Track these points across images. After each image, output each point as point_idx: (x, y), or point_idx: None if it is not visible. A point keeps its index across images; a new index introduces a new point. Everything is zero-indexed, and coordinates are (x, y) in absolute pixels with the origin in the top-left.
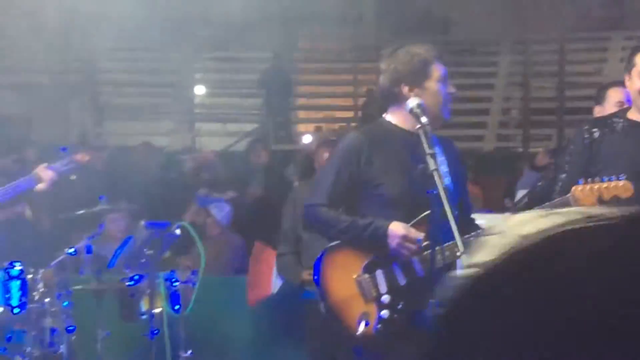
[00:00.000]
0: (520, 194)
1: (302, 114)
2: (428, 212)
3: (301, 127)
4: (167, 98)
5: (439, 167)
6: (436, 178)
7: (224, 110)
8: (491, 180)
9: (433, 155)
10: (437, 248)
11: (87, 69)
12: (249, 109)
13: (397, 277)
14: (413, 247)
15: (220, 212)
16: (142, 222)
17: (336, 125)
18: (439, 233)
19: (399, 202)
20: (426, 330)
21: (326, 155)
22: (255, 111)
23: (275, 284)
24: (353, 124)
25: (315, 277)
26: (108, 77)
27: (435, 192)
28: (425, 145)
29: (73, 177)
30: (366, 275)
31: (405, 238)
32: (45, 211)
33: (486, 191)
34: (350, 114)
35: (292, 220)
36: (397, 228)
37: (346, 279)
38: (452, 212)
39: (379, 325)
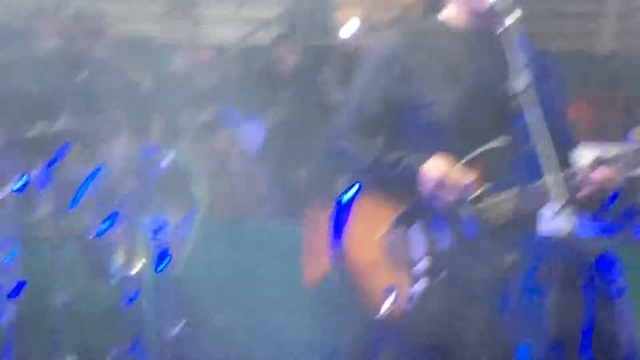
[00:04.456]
0: None
1: None
2: (493, 144)
3: (342, 15)
4: None
5: (530, 84)
6: (526, 100)
7: None
8: (607, 95)
9: (525, 68)
10: (502, 195)
11: None
12: None
13: (440, 235)
14: (453, 195)
15: (253, 138)
16: (119, 146)
17: (391, 13)
18: (513, 174)
19: (455, 130)
20: (481, 311)
21: None
22: None
23: None
24: (416, 13)
25: (332, 232)
26: None
27: (523, 119)
28: (514, 53)
29: None
30: (396, 232)
31: (443, 181)
32: None
33: (600, 112)
34: None
35: None
36: (433, 166)
37: (370, 236)
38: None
39: (412, 303)
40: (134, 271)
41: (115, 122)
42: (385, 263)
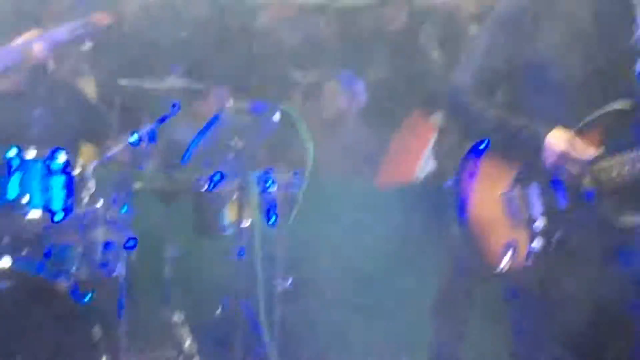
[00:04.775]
0: None
1: None
2: (614, 106)
3: None
4: None
5: None
6: None
7: None
8: None
9: None
10: (620, 158)
11: None
12: None
13: (558, 196)
14: (578, 169)
15: (357, 97)
16: (230, 103)
17: None
18: (633, 136)
19: (579, 92)
20: (596, 271)
21: None
22: None
23: (423, 168)
24: None
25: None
26: None
27: None
28: None
29: (87, 44)
30: (516, 191)
31: (567, 156)
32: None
33: None
34: None
35: None
36: (557, 140)
37: (491, 193)
38: None
39: (529, 260)
40: (243, 226)
41: (222, 79)
42: (504, 220)
